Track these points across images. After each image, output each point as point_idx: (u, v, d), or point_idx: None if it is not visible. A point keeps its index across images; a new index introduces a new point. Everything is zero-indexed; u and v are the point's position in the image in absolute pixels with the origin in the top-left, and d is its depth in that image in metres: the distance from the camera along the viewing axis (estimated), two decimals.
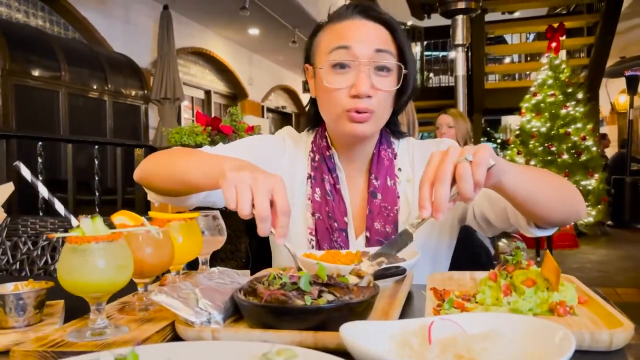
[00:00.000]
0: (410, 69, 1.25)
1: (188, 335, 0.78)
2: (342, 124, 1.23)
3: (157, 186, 1.19)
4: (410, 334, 0.68)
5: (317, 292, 0.81)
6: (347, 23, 1.23)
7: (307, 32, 6.27)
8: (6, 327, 0.81)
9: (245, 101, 11.10)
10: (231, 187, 0.88)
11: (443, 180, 0.86)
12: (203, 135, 3.17)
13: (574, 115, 6.53)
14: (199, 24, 9.20)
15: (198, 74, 9.89)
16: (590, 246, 6.79)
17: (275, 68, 12.56)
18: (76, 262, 0.74)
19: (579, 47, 8.65)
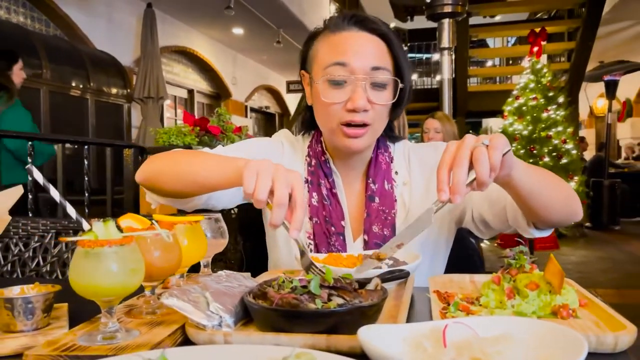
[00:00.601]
0: (406, 82, 1.26)
1: (199, 338, 0.78)
2: (338, 138, 1.25)
3: (163, 187, 1.18)
4: (422, 337, 0.70)
5: (327, 295, 0.82)
6: (344, 35, 1.23)
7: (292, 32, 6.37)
8: (15, 330, 0.80)
9: (229, 101, 11.06)
10: (253, 173, 0.90)
11: (461, 164, 0.88)
12: (191, 135, 3.15)
13: (555, 118, 6.64)
14: (182, 22, 9.14)
15: (181, 73, 9.82)
16: (570, 247, 6.91)
17: (259, 68, 12.54)
18: (89, 265, 0.74)
19: (559, 51, 8.80)
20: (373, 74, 1.20)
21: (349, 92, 1.20)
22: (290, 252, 1.33)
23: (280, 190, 0.89)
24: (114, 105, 7.08)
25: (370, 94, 1.20)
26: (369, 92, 1.20)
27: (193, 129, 3.20)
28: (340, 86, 1.21)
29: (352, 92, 1.19)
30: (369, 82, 1.20)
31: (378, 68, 1.20)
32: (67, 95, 6.26)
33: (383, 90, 1.22)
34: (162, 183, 1.17)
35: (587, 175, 7.85)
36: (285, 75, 13.59)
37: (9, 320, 0.80)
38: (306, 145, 1.40)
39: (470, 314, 0.88)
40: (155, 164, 1.20)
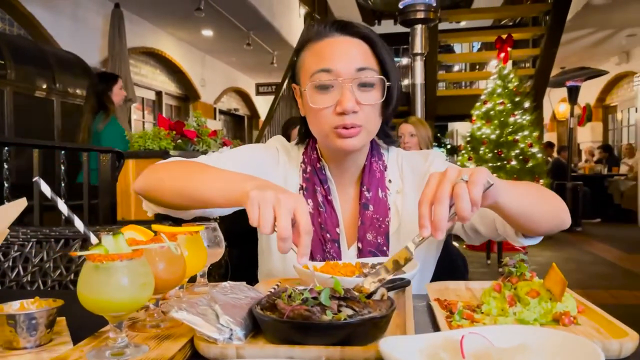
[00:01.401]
0: (393, 80, 1.26)
1: (210, 352, 0.77)
2: (332, 141, 1.25)
3: (161, 199, 1.17)
4: (438, 348, 0.71)
5: (336, 306, 0.82)
6: (326, 42, 1.24)
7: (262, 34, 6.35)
8: (18, 347, 0.78)
9: (198, 103, 10.94)
10: (255, 205, 0.90)
11: (442, 200, 0.88)
12: (167, 139, 3.11)
13: (521, 123, 6.80)
14: (151, 23, 9.00)
15: (149, 74, 9.67)
16: (536, 249, 7.07)
17: (228, 70, 12.44)
18: (99, 280, 0.72)
19: (525, 58, 9.03)
20: (358, 75, 1.21)
21: (336, 96, 1.21)
22: (285, 261, 1.33)
23: (282, 224, 0.88)
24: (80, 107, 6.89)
25: (358, 95, 1.21)
26: (356, 93, 1.21)
27: (169, 133, 3.16)
28: (328, 91, 1.22)
29: (339, 95, 1.20)
30: (355, 84, 1.21)
31: (363, 69, 1.21)
32: (32, 97, 6.08)
33: (371, 90, 1.23)
34: (162, 196, 1.16)
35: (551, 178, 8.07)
36: (254, 77, 13.53)
37: (11, 337, 0.78)
38: (301, 152, 1.40)
39: (474, 322, 0.90)
40: (155, 176, 1.19)
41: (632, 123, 12.06)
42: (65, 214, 0.75)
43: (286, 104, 7.90)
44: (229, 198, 1.03)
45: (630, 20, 8.94)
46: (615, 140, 13.13)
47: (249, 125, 14.11)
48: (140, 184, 1.20)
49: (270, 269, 1.36)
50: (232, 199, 1.02)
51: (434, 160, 1.38)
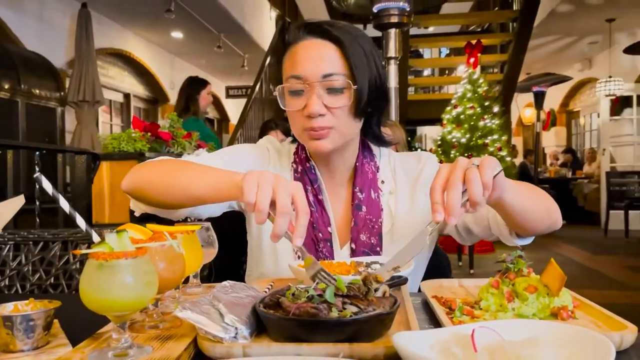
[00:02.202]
0: (362, 83, 1.22)
1: (216, 351, 0.76)
2: (305, 142, 1.28)
3: (152, 198, 1.15)
4: (448, 343, 0.71)
5: (341, 304, 0.82)
6: (299, 46, 1.25)
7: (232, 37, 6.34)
8: (14, 350, 0.75)
9: (167, 105, 10.78)
10: (253, 182, 0.90)
11: (454, 185, 0.91)
12: (142, 141, 3.05)
13: (490, 127, 6.93)
14: (118, 24, 8.83)
15: (117, 76, 9.48)
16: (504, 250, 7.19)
17: (198, 72, 12.28)
18: (103, 279, 0.70)
19: (493, 63, 9.21)
20: (325, 80, 1.21)
21: (305, 100, 1.22)
22: (277, 263, 1.32)
23: (283, 200, 0.89)
24: (47, 109, 6.72)
25: (326, 98, 1.21)
26: (325, 97, 1.21)
27: (144, 135, 3.10)
28: (299, 95, 1.23)
29: (307, 99, 1.21)
30: (323, 88, 1.21)
31: (329, 74, 1.21)
32: None
33: (340, 94, 1.22)
34: (151, 193, 1.14)
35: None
36: (224, 80, 13.42)
37: (8, 340, 0.75)
38: (292, 152, 1.40)
39: (475, 318, 0.90)
40: (143, 173, 1.16)
41: (594, 128, 12.42)
42: (67, 211, 0.73)
43: (258, 107, 7.86)
44: (220, 190, 1.02)
45: (592, 28, 9.21)
46: (578, 145, 13.50)
47: (218, 129, 13.99)
48: (129, 182, 1.18)
49: (262, 271, 1.35)
50: (224, 191, 1.01)
51: (427, 161, 1.39)
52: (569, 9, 8.10)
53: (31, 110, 6.40)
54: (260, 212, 0.88)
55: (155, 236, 0.86)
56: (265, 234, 1.34)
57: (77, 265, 1.54)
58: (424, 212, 1.34)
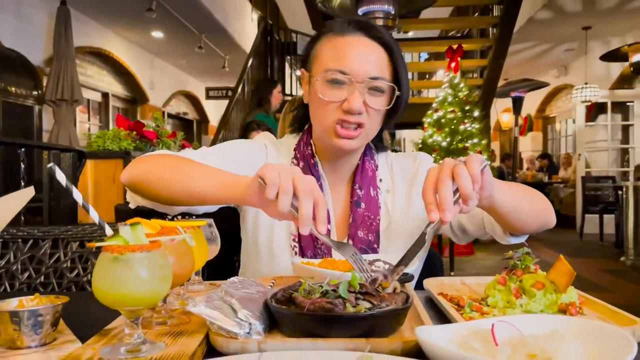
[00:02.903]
0: (404, 92, 1.27)
1: (230, 347, 0.75)
2: (330, 137, 1.26)
3: (151, 192, 1.13)
4: (467, 337, 0.71)
5: (354, 299, 0.82)
6: (347, 39, 1.24)
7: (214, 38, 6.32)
8: (21, 347, 0.73)
9: (146, 106, 10.66)
10: (275, 172, 0.90)
11: (444, 181, 0.92)
12: (127, 140, 3.01)
13: (470, 131, 7.00)
14: (98, 22, 8.71)
15: (95, 75, 9.34)
16: (483, 253, 7.30)
17: (177, 73, 12.21)
18: (118, 272, 0.69)
19: (473, 68, 9.32)
20: (371, 82, 1.22)
21: (346, 93, 1.21)
22: (273, 261, 1.31)
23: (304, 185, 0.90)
24: (24, 107, 6.60)
25: (367, 98, 1.22)
26: (365, 96, 1.22)
27: (129, 134, 3.06)
28: (339, 86, 1.22)
29: (349, 94, 1.20)
30: (366, 87, 1.21)
31: (377, 78, 1.22)
32: None
33: (380, 96, 1.24)
34: (151, 187, 1.13)
35: None
36: (204, 81, 13.32)
37: (15, 336, 0.73)
38: (292, 147, 1.39)
39: (484, 314, 0.91)
40: (145, 167, 1.15)
41: (569, 133, 12.65)
42: (80, 203, 0.71)
43: (240, 109, 7.82)
44: (223, 191, 1.03)
45: (568, 35, 9.39)
46: (554, 150, 13.73)
47: (198, 130, 13.87)
48: (129, 174, 1.16)
49: (258, 268, 1.34)
50: (227, 193, 1.02)
51: (422, 161, 1.41)
52: (547, 16, 8.24)
53: (8, 108, 6.27)
54: (286, 193, 0.88)
55: (163, 230, 0.85)
56: (262, 231, 1.33)
57: (67, 263, 1.51)
58: (420, 210, 1.35)
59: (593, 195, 8.97)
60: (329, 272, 1.01)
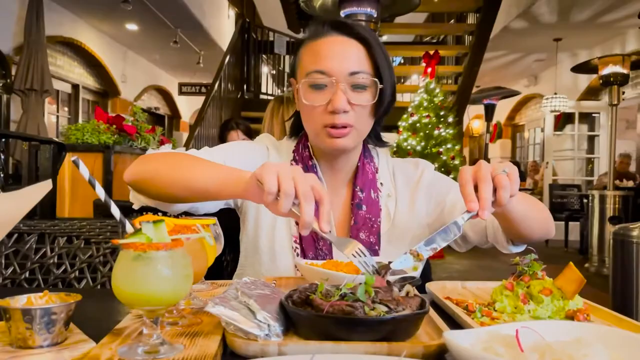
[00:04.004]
0: (386, 84, 1.26)
1: (249, 350, 0.73)
2: (322, 139, 1.26)
3: (156, 190, 1.11)
4: (489, 342, 0.71)
5: (371, 302, 0.81)
6: (323, 41, 1.24)
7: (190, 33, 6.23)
8: (33, 346, 0.70)
9: (117, 99, 10.46)
10: (273, 173, 0.88)
11: (487, 181, 0.93)
12: (107, 134, 2.94)
13: (445, 136, 7.10)
14: (70, 12, 8.50)
15: (66, 65, 9.11)
16: (453, 257, 7.40)
17: (150, 67, 12.01)
18: (140, 271, 0.67)
19: (448, 74, 9.45)
20: (352, 77, 1.21)
21: (329, 95, 1.21)
22: (274, 262, 1.30)
23: (305, 186, 0.87)
24: None
25: (350, 95, 1.21)
26: (349, 93, 1.21)
27: (109, 127, 2.99)
28: (321, 90, 1.22)
29: (332, 95, 1.20)
30: (348, 84, 1.21)
31: (356, 72, 1.21)
32: None
33: (363, 91, 1.23)
34: (156, 186, 1.10)
35: None
36: (177, 77, 13.14)
37: (26, 335, 0.70)
38: (291, 150, 1.38)
39: (494, 319, 0.92)
40: (150, 165, 1.13)
41: (537, 142, 12.95)
42: (103, 199, 0.68)
43: (217, 106, 7.74)
44: (225, 186, 1.01)
45: (539, 45, 9.62)
46: (522, 157, 14.04)
47: (169, 126, 13.68)
48: (133, 173, 1.13)
49: (258, 269, 1.32)
50: (230, 187, 1.00)
51: (424, 168, 1.41)
52: (522, 26, 8.42)
53: None
54: (288, 196, 0.86)
55: (176, 228, 0.83)
56: (263, 233, 1.32)
57: (54, 259, 1.46)
58: (423, 216, 1.37)
59: (559, 203, 9.18)
60: (336, 273, 1.00)
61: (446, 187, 1.37)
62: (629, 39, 8.81)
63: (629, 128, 10.53)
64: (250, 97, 9.71)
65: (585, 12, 7.76)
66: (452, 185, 1.37)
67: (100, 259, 1.46)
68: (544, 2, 7.37)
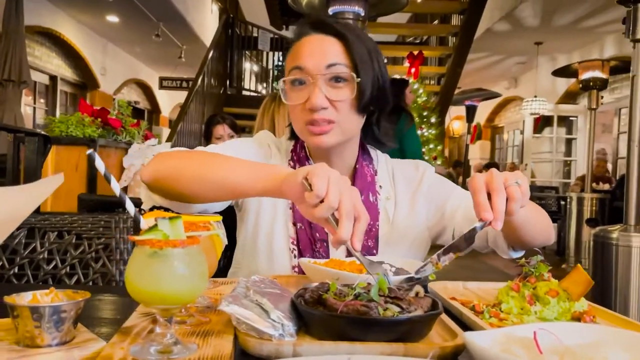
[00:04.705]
0: (366, 77, 1.22)
1: (263, 350, 0.72)
2: (306, 137, 1.26)
3: (178, 189, 1.08)
4: (507, 344, 0.71)
5: (384, 302, 0.80)
6: (302, 41, 1.25)
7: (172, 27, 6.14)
8: (41, 345, 0.67)
9: (96, 92, 10.30)
10: (325, 178, 0.87)
11: (501, 192, 0.93)
12: (92, 127, 2.88)
13: (427, 136, 7.15)
14: (49, 2, 8.34)
15: (44, 56, 8.94)
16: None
17: (131, 60, 11.85)
18: (156, 268, 0.65)
19: (431, 75, 9.51)
20: (327, 71, 1.20)
21: (307, 93, 1.20)
22: (272, 261, 1.28)
23: (349, 202, 0.87)
24: None
25: (328, 92, 1.20)
26: (327, 90, 1.20)
27: (94, 120, 2.93)
28: (300, 87, 1.22)
29: (310, 92, 1.20)
30: (325, 80, 1.20)
31: (332, 65, 1.20)
32: None
33: (342, 87, 1.21)
34: (181, 183, 1.08)
35: None
36: (158, 71, 12.99)
37: (35, 333, 0.67)
38: (290, 149, 1.37)
39: (502, 320, 0.92)
40: (172, 163, 1.11)
41: (516, 144, 13.12)
42: (118, 194, 0.66)
43: (199, 101, 7.67)
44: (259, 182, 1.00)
45: (520, 49, 9.75)
46: (501, 159, 14.21)
47: (149, 120, 13.51)
48: (153, 171, 1.10)
49: (255, 268, 1.31)
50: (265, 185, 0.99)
51: (425, 170, 1.40)
52: (505, 28, 8.51)
53: None
54: (331, 207, 0.85)
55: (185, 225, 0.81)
56: (262, 233, 1.30)
57: (44, 254, 1.42)
58: (423, 219, 1.36)
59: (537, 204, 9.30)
60: (343, 273, 0.99)
61: (447, 191, 1.36)
62: (606, 44, 8.98)
63: (605, 132, 10.73)
64: (233, 93, 9.64)
65: (567, 16, 7.88)
66: (453, 188, 1.37)
67: (92, 255, 1.43)
68: (528, 5, 7.46)
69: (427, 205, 1.36)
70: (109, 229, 1.46)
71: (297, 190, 0.91)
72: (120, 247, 1.42)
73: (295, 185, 0.92)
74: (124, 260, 1.42)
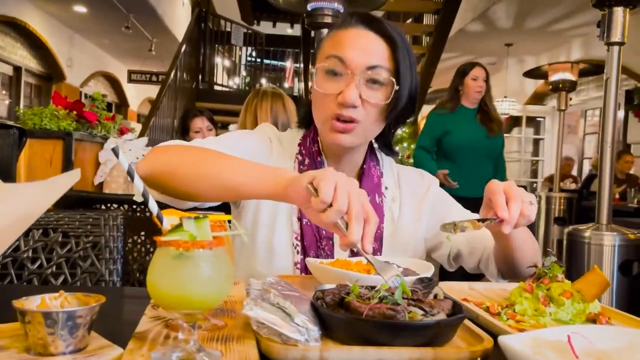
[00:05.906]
0: (404, 87, 1.20)
1: (289, 356, 0.68)
2: (326, 131, 1.22)
3: (174, 185, 1.04)
4: (538, 347, 0.70)
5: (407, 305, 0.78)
6: (348, 31, 1.20)
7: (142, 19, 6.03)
8: (54, 353, 0.63)
9: (62, 84, 10.01)
10: (332, 183, 0.84)
11: (518, 201, 0.98)
12: (67, 120, 2.77)
13: (401, 135, 7.18)
14: None
15: (7, 47, 8.64)
16: None
17: (98, 52, 11.56)
18: (182, 271, 0.61)
19: None
20: (369, 72, 1.17)
21: (342, 86, 1.16)
22: (271, 262, 1.24)
23: (358, 205, 0.85)
24: None
25: (364, 91, 1.17)
26: (363, 89, 1.17)
27: (68, 113, 2.82)
28: (336, 78, 1.17)
29: (345, 86, 1.16)
30: (364, 79, 1.17)
31: (375, 67, 1.17)
32: None
33: (378, 89, 1.18)
34: (176, 180, 1.03)
35: None
36: (127, 64, 12.70)
37: (48, 341, 0.62)
38: (297, 142, 1.33)
39: (519, 322, 0.91)
40: (169, 158, 1.05)
41: None
42: (141, 191, 0.62)
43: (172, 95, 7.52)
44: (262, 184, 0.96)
45: (491, 49, 9.88)
46: None
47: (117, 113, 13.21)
48: (149, 166, 1.05)
49: (254, 267, 1.27)
50: (267, 187, 0.95)
51: (431, 182, 1.39)
52: (477, 29, 8.62)
53: None
54: (339, 212, 0.83)
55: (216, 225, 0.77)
56: (261, 231, 1.27)
57: (29, 253, 1.35)
58: (423, 230, 1.36)
59: None
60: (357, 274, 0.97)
61: (448, 206, 1.37)
62: (574, 47, 9.19)
63: (570, 133, 11.00)
64: (205, 88, 9.49)
65: (538, 19, 8.02)
66: (453, 204, 1.38)
67: (80, 254, 1.37)
68: (501, 6, 7.57)
69: (429, 217, 1.35)
70: (98, 226, 1.40)
71: (302, 195, 0.89)
72: (110, 246, 1.37)
73: (300, 190, 0.89)
74: (114, 259, 1.36)
